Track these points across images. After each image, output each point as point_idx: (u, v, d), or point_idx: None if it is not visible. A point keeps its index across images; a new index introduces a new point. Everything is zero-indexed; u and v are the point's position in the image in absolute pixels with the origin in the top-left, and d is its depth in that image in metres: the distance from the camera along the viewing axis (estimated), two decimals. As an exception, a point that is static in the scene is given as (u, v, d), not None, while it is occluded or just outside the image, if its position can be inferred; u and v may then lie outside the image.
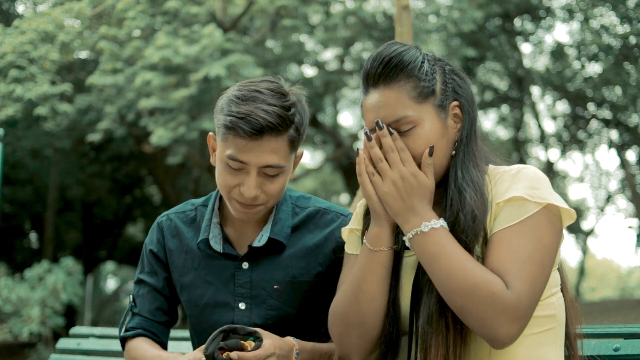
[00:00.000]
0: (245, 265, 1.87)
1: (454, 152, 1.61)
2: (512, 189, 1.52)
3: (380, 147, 1.56)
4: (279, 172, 1.76)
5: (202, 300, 1.90)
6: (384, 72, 1.57)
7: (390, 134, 1.55)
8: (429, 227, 1.50)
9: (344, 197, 20.54)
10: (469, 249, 1.50)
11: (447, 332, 1.50)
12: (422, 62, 1.58)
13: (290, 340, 1.74)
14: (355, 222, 1.76)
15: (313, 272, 1.86)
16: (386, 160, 1.55)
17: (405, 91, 1.56)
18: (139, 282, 1.99)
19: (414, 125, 1.55)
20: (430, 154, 1.55)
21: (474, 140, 1.62)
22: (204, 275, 1.90)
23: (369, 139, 1.57)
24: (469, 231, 1.50)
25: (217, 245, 1.88)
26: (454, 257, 1.47)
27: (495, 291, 1.42)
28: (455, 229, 1.51)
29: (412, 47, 1.60)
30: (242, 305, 1.86)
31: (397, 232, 1.63)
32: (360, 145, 1.66)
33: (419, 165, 1.55)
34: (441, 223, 1.51)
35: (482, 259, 1.51)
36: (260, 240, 1.86)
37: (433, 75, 1.59)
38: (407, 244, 1.55)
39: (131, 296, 1.99)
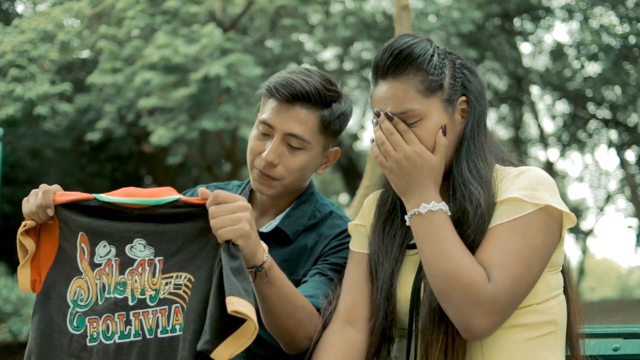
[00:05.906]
0: None
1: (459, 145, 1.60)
2: (511, 190, 1.52)
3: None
4: (302, 146, 1.81)
5: None
6: (393, 64, 1.56)
7: (390, 119, 1.55)
8: (427, 210, 1.50)
9: (344, 197, 20.51)
10: (473, 242, 1.49)
11: (447, 327, 1.49)
12: (432, 56, 1.57)
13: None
14: (361, 218, 1.76)
15: (301, 271, 1.88)
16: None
17: (412, 84, 1.55)
18: None
19: (420, 119, 1.54)
20: (444, 133, 1.54)
21: (482, 134, 1.61)
22: None
23: (374, 124, 1.58)
24: (474, 225, 1.50)
25: None
26: (445, 241, 1.47)
27: (476, 281, 1.42)
28: (461, 223, 1.51)
29: (424, 40, 1.59)
30: None
31: (399, 225, 1.64)
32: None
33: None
34: (441, 206, 1.51)
35: None
36: (267, 227, 1.89)
37: (442, 69, 1.58)
38: (407, 222, 1.55)
39: None
